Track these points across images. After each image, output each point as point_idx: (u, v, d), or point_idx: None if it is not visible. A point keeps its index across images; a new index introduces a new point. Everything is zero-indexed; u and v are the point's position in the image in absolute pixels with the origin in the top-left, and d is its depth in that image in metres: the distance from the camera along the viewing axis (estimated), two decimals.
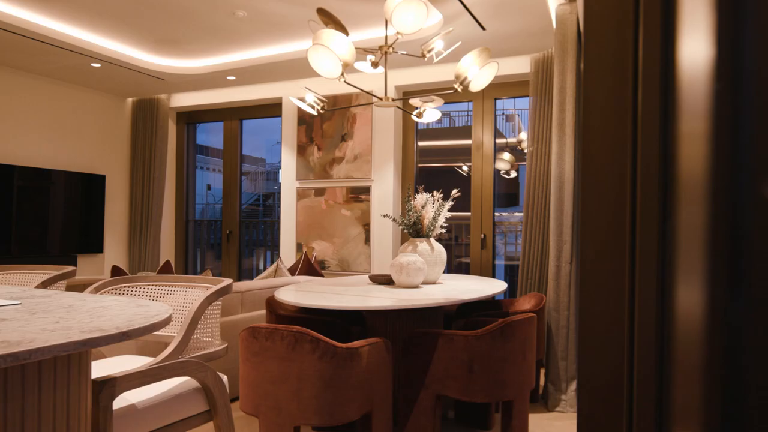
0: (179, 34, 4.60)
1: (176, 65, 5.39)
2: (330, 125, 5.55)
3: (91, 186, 6.08)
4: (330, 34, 2.91)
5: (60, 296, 1.46)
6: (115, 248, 6.39)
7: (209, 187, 20.19)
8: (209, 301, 1.74)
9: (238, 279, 6.42)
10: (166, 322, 1.15)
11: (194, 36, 4.64)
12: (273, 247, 8.25)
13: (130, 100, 6.54)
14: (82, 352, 1.16)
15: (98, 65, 5.16)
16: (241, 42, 4.78)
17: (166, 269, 3.54)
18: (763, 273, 0.19)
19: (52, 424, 1.11)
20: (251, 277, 6.67)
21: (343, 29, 3.31)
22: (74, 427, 1.15)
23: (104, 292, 2.05)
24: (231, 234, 6.42)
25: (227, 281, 1.87)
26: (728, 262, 0.20)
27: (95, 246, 6.11)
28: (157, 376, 1.52)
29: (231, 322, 3.49)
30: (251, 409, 2.44)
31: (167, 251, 6.62)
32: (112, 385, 1.41)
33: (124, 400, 1.54)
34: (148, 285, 2.15)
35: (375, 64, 3.45)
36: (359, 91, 3.82)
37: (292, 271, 4.64)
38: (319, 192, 5.59)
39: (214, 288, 1.78)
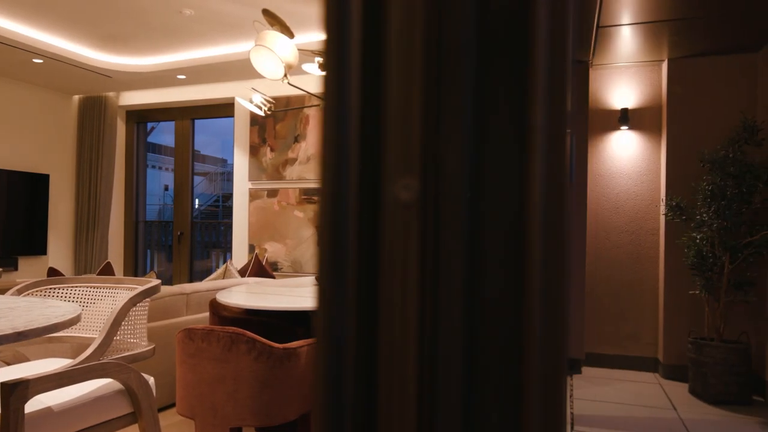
0: (125, 30, 4.51)
1: (124, 62, 5.28)
2: (283, 126, 5.53)
3: (34, 185, 5.87)
4: (273, 36, 2.92)
5: None
6: (59, 250, 6.19)
7: (166, 188, 19.77)
8: (133, 302, 1.73)
9: (190, 281, 6.32)
10: (71, 322, 1.14)
11: (141, 33, 4.56)
12: (231, 248, 8.14)
13: (76, 97, 6.35)
14: None
15: (40, 61, 5.00)
16: (190, 41, 4.72)
17: (106, 271, 3.47)
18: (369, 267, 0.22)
19: None
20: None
21: (288, 31, 3.31)
22: None
23: (29, 294, 2.00)
24: (182, 235, 6.31)
25: (154, 282, 1.85)
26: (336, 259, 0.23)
27: (38, 247, 5.90)
28: (74, 377, 1.49)
29: (175, 324, 3.44)
30: (187, 411, 2.42)
31: (116, 253, 6.45)
32: (24, 388, 1.38)
33: (39, 402, 1.52)
34: (78, 287, 2.11)
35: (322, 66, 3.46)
36: (307, 93, 3.83)
37: (243, 272, 4.60)
38: (272, 193, 5.56)
39: (139, 289, 1.76)
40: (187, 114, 6.27)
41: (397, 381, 0.24)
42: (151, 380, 1.82)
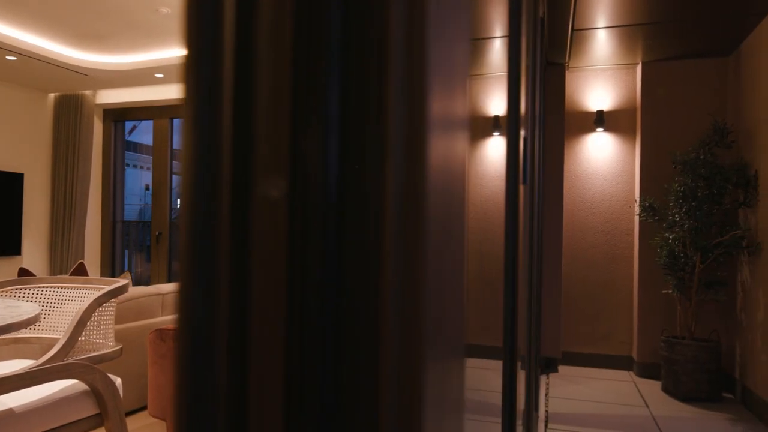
0: (101, 28, 4.45)
1: (100, 60, 5.21)
2: None
3: (8, 185, 5.76)
4: None
5: None
6: (34, 250, 6.09)
7: (147, 187, 19.53)
8: (99, 302, 1.71)
9: (168, 281, 6.26)
10: (27, 322, 1.13)
11: (117, 31, 4.50)
12: None
13: (52, 95, 6.25)
14: None
15: (14, 58, 4.91)
16: (168, 39, 4.68)
17: (79, 271, 3.42)
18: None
19: None
20: None
21: None
22: None
23: None
24: (161, 235, 6.25)
25: (121, 282, 1.84)
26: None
27: (12, 248, 5.80)
28: (37, 378, 1.48)
29: (150, 325, 3.41)
30: (159, 412, 2.40)
31: (93, 253, 6.37)
32: None
33: (1, 404, 1.50)
34: (46, 287, 2.08)
35: None
36: None
37: None
38: None
39: (106, 289, 1.75)
40: (166, 113, 6.21)
41: (267, 373, 0.25)
42: (117, 381, 1.80)
